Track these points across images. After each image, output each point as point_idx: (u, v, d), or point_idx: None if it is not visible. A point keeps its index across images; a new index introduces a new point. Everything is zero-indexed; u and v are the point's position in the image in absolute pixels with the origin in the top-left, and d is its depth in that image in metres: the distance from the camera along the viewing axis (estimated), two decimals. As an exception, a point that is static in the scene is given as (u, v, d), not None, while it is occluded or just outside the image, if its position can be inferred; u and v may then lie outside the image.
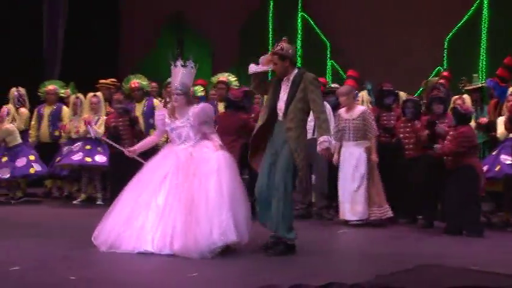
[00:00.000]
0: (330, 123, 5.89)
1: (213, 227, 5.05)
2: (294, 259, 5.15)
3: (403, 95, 8.28)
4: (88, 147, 8.61)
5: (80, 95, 9.15)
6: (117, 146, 6.29)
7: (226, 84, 8.71)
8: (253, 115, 7.54)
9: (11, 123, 8.86)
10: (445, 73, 8.98)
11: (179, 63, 5.60)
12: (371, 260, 5.28)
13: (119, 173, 7.62)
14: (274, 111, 5.43)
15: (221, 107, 8.49)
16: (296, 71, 5.42)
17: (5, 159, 8.70)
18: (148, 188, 5.37)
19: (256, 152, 5.49)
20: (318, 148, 5.30)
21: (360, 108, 7.22)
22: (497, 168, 6.93)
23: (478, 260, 5.17)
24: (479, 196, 6.65)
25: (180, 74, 5.57)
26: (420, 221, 7.13)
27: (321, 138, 5.25)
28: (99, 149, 8.58)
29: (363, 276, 4.35)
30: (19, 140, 8.81)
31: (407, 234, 6.66)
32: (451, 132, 6.58)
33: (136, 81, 9.02)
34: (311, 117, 6.04)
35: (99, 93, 8.94)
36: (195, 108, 5.56)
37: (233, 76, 8.88)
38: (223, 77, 8.83)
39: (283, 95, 5.38)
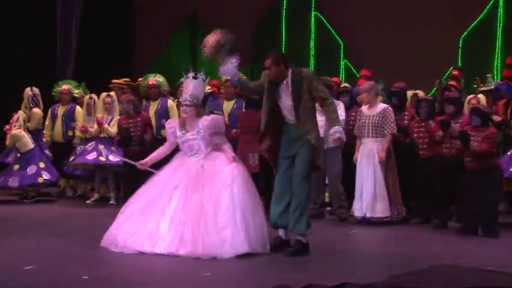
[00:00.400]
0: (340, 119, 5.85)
1: (222, 239, 5.04)
2: (307, 259, 5.14)
3: (421, 94, 8.23)
4: (102, 146, 8.67)
5: (94, 95, 9.21)
6: (128, 161, 6.30)
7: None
8: None
9: (21, 127, 8.91)
10: (454, 72, 8.88)
11: (190, 75, 5.58)
12: (384, 260, 5.27)
13: (132, 173, 7.67)
14: (275, 115, 5.40)
15: (226, 105, 8.50)
16: (291, 72, 5.36)
17: (16, 167, 8.77)
18: (158, 196, 5.38)
19: (273, 153, 5.46)
20: (331, 139, 5.36)
21: (381, 106, 7.21)
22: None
23: (493, 260, 5.14)
24: (500, 196, 6.67)
25: (191, 85, 5.55)
26: (434, 221, 7.09)
27: (332, 130, 5.25)
28: (112, 148, 8.62)
29: (376, 277, 4.35)
30: (30, 146, 8.82)
31: (421, 234, 6.64)
32: (472, 133, 6.45)
33: (155, 79, 9.04)
34: (321, 117, 6.08)
35: (112, 93, 8.98)
36: (205, 121, 5.53)
37: (241, 75, 8.77)
38: None
39: (287, 99, 5.33)
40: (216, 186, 5.25)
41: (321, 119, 7.24)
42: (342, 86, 8.52)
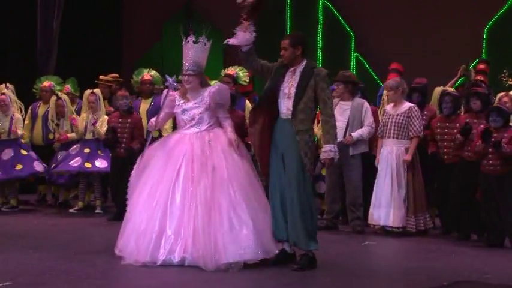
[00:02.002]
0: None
1: (233, 243, 5.03)
2: (315, 274, 5.13)
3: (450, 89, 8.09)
4: (87, 150, 8.61)
5: (63, 95, 9.17)
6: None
7: (233, 78, 8.67)
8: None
9: None
10: (481, 65, 8.85)
11: (190, 39, 5.46)
12: (399, 275, 5.26)
13: (121, 177, 7.69)
14: (274, 104, 5.37)
15: None
16: (305, 62, 5.35)
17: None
18: (162, 188, 5.29)
19: (264, 153, 5.40)
20: (322, 156, 5.27)
21: (407, 105, 7.20)
22: None
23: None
24: None
25: (192, 51, 5.46)
26: (455, 232, 7.08)
27: (327, 147, 5.20)
28: (99, 152, 8.60)
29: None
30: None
31: (441, 246, 6.62)
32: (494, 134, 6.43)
33: (150, 74, 9.03)
34: (343, 118, 6.09)
35: (96, 90, 8.90)
36: (212, 88, 5.49)
37: (244, 71, 8.82)
38: (232, 70, 8.80)
39: (289, 90, 5.31)
40: (228, 173, 5.22)
41: (341, 119, 7.30)
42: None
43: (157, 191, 5.30)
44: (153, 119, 5.82)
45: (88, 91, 8.85)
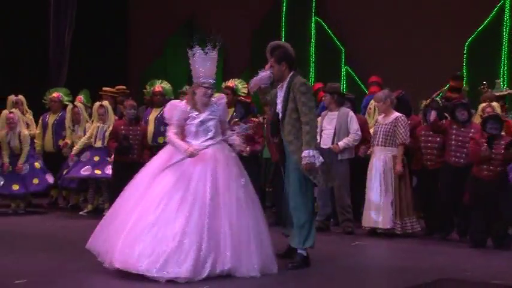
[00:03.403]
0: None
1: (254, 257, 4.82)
2: (308, 273, 5.12)
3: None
4: (96, 158, 8.64)
5: (80, 104, 9.23)
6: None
7: (233, 90, 8.69)
8: None
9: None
10: (451, 83, 8.72)
11: (198, 51, 5.06)
12: (387, 273, 5.26)
13: (123, 184, 7.71)
14: (276, 121, 5.38)
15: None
16: (289, 76, 5.28)
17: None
18: (194, 204, 4.75)
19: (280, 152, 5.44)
20: (302, 162, 5.11)
21: (395, 114, 7.21)
22: None
23: (501, 273, 5.13)
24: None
25: (208, 63, 5.06)
26: (439, 233, 7.09)
27: (304, 153, 5.08)
28: (108, 159, 8.60)
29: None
30: None
31: (426, 247, 6.62)
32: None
33: (161, 85, 9.08)
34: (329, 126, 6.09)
35: (105, 103, 8.93)
36: (220, 100, 5.18)
37: (243, 83, 8.85)
38: (231, 82, 8.83)
39: (279, 104, 5.29)
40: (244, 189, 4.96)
41: (329, 128, 7.33)
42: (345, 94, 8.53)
43: (186, 207, 4.74)
44: (186, 145, 4.99)
45: (97, 104, 8.88)
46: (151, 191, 4.85)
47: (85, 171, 8.54)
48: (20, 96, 9.20)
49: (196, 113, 5.04)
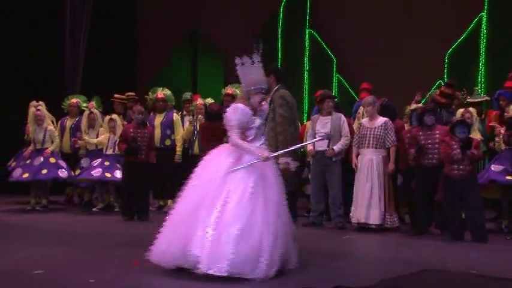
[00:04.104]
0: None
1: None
2: (301, 265, 5.13)
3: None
4: (107, 163, 8.68)
5: (95, 110, 9.30)
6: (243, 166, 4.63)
7: (233, 97, 8.70)
8: None
9: None
10: (442, 88, 8.75)
11: (247, 61, 4.80)
12: (377, 264, 5.26)
13: (132, 182, 7.77)
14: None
15: None
16: (276, 87, 5.29)
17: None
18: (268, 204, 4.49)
19: None
20: (280, 166, 5.07)
21: (382, 119, 7.24)
22: (486, 175, 7.06)
23: (478, 264, 5.14)
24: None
25: (258, 70, 4.80)
26: (417, 228, 7.08)
27: (282, 159, 5.10)
28: (118, 165, 8.62)
29: (368, 280, 4.34)
30: None
31: (411, 240, 6.63)
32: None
33: (163, 92, 9.10)
34: (325, 130, 6.11)
35: (114, 116, 8.98)
36: (264, 105, 4.95)
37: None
38: (230, 89, 8.84)
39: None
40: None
41: (323, 131, 7.34)
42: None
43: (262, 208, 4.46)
44: (259, 150, 4.70)
45: (108, 117, 8.98)
46: (233, 194, 4.42)
47: (96, 173, 8.59)
48: (41, 102, 9.22)
49: (255, 118, 4.81)
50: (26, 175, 8.70)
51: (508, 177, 6.97)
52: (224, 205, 4.36)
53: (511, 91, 7.74)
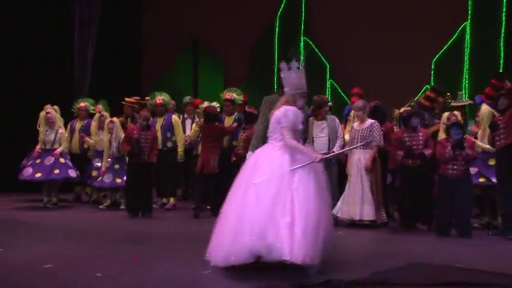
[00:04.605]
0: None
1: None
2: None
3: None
4: (117, 166, 8.69)
5: (105, 113, 9.31)
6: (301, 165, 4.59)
7: (232, 101, 8.70)
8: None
9: None
10: (427, 92, 8.76)
11: (294, 65, 4.88)
12: (368, 258, 5.26)
13: (135, 181, 7.79)
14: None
15: (227, 120, 8.62)
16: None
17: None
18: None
19: None
20: None
21: (370, 121, 7.27)
22: None
23: (463, 258, 5.15)
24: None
25: (303, 76, 4.91)
26: (404, 224, 7.08)
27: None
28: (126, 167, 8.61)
29: (360, 274, 4.34)
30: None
31: (400, 236, 6.64)
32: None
33: (161, 97, 9.09)
34: (324, 134, 6.16)
35: (114, 119, 8.96)
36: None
37: (239, 93, 8.90)
38: (229, 94, 8.83)
39: None
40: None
41: (322, 135, 7.35)
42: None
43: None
44: (314, 152, 4.80)
45: (108, 120, 8.98)
46: (300, 191, 4.41)
47: (107, 178, 8.67)
48: (55, 107, 9.24)
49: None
50: (38, 174, 8.70)
51: (481, 180, 7.05)
52: (295, 201, 4.35)
53: (486, 97, 7.74)
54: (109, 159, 8.77)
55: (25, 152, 9.51)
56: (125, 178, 8.44)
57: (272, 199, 4.33)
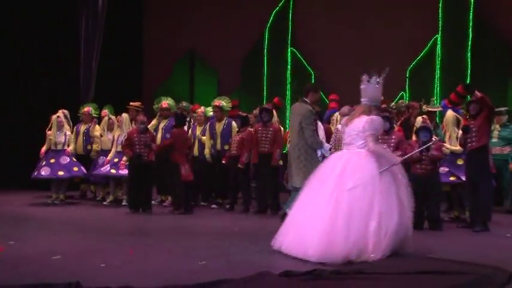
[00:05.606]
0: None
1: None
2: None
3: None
4: (116, 160, 8.68)
5: (113, 116, 9.30)
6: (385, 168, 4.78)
7: (220, 108, 8.72)
8: None
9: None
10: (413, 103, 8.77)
11: (374, 80, 5.18)
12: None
13: (136, 179, 7.77)
14: None
15: (218, 126, 8.64)
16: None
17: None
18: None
19: None
20: None
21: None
22: None
23: (434, 249, 5.19)
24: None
25: (378, 89, 5.22)
26: None
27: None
28: (123, 161, 8.59)
29: (340, 265, 4.36)
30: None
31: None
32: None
33: (167, 102, 9.12)
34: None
35: (113, 117, 8.99)
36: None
37: (227, 101, 8.93)
38: (218, 101, 8.85)
39: None
40: None
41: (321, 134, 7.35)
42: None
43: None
44: (396, 156, 5.12)
45: (106, 118, 8.97)
46: (383, 196, 4.61)
47: (104, 169, 8.67)
48: (65, 111, 9.23)
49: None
50: (61, 173, 8.68)
51: (452, 178, 7.11)
52: (382, 204, 4.53)
53: (449, 102, 7.78)
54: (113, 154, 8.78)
55: (33, 153, 9.44)
56: (119, 170, 8.50)
57: (366, 206, 4.47)
